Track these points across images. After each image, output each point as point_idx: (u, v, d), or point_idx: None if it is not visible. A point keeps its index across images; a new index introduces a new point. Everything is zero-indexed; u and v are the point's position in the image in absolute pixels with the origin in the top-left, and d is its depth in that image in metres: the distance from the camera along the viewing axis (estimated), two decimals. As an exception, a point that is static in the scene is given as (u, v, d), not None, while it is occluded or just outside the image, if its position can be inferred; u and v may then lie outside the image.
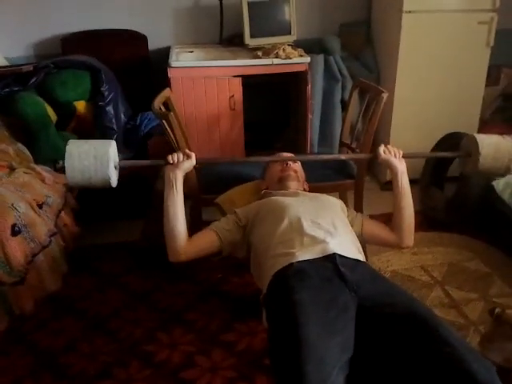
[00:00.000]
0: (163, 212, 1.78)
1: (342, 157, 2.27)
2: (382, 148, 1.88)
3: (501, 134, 3.09)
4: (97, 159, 1.64)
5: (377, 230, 1.93)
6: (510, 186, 2.56)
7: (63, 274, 2.40)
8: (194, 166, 1.83)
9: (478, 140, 1.85)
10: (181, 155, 1.78)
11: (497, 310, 1.75)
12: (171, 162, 1.76)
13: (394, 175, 1.88)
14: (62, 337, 2.11)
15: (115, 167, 1.73)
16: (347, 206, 2.12)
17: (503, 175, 1.99)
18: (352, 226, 1.87)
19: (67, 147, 1.66)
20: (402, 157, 1.90)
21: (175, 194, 1.76)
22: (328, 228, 1.69)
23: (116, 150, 1.75)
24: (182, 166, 1.77)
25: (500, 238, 2.70)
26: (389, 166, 1.89)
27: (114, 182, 1.73)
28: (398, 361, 1.37)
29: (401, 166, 1.88)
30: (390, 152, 1.88)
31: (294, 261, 1.57)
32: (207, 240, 1.84)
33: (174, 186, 1.76)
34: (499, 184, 2.62)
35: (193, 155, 1.79)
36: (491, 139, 1.87)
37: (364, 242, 1.93)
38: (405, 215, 1.86)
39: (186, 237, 1.78)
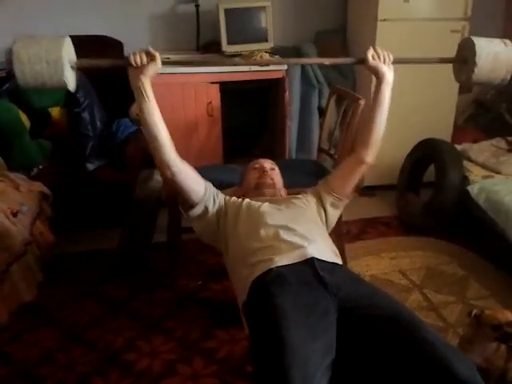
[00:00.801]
0: (141, 125, 1.69)
1: (326, 61, 1.99)
2: (370, 52, 1.76)
3: (475, 140, 3.20)
4: (50, 64, 1.48)
5: (339, 171, 1.93)
6: (485, 191, 2.62)
7: (38, 283, 2.35)
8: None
9: (477, 47, 1.70)
10: (144, 56, 1.62)
11: (474, 311, 1.77)
12: (134, 63, 1.61)
13: (379, 82, 1.80)
14: (38, 348, 2.05)
15: (72, 68, 1.57)
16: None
17: (496, 86, 1.87)
18: (321, 195, 1.88)
19: (13, 48, 1.48)
20: (392, 62, 1.80)
21: (147, 101, 1.66)
22: (304, 234, 1.69)
23: (72, 49, 1.59)
24: (147, 70, 1.63)
25: (476, 241, 2.75)
26: (376, 73, 1.80)
27: (72, 86, 1.58)
28: (379, 361, 1.37)
29: (388, 75, 1.79)
30: (379, 56, 1.78)
31: (272, 266, 1.56)
32: (196, 179, 1.79)
33: (144, 93, 1.64)
34: (474, 189, 2.68)
35: (157, 56, 1.64)
36: (491, 47, 1.71)
37: (344, 196, 1.92)
38: (376, 127, 1.83)
39: (173, 148, 1.71)
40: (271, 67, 2.96)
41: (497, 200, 2.52)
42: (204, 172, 2.46)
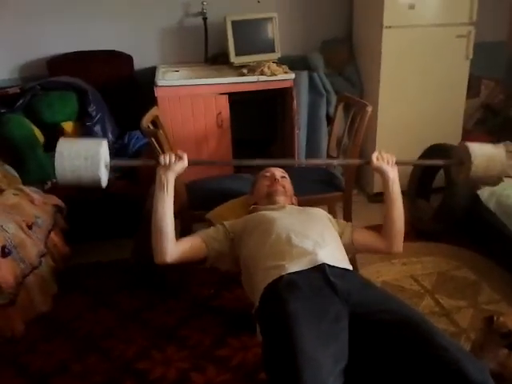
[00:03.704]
0: (153, 211, 1.75)
1: (335, 162, 2.19)
2: (375, 154, 1.88)
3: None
4: (87, 160, 1.61)
5: (367, 237, 1.94)
6: (495, 195, 2.61)
7: (53, 294, 2.39)
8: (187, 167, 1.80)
9: (471, 149, 1.85)
10: (173, 156, 1.76)
11: (485, 317, 1.78)
12: (163, 163, 1.75)
13: (386, 182, 1.89)
14: (54, 358, 2.08)
15: (106, 167, 1.69)
16: (336, 217, 2.14)
17: (494, 184, 2.00)
18: (342, 236, 1.89)
19: (57, 145, 1.62)
20: (395, 163, 1.89)
21: (165, 196, 1.74)
22: (316, 239, 1.71)
23: (107, 150, 1.71)
24: (174, 167, 1.75)
25: (486, 246, 2.74)
26: (381, 173, 1.89)
27: (104, 182, 1.69)
28: (392, 366, 1.38)
29: (393, 174, 1.88)
30: (383, 158, 1.87)
31: (284, 273, 1.58)
32: (194, 245, 1.83)
33: (165, 188, 1.74)
34: (484, 193, 2.67)
35: (185, 156, 1.77)
36: (484, 149, 1.87)
37: (355, 251, 1.95)
38: (395, 222, 1.88)
39: (174, 238, 1.77)
40: (279, 77, 2.99)
41: (507, 204, 2.52)
42: (215, 182, 2.51)
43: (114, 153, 2.94)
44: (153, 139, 2.19)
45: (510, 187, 2.63)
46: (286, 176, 2.17)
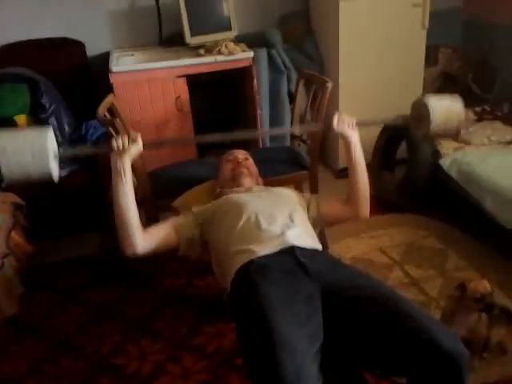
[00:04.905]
0: (114, 204, 1.68)
1: (296, 131, 2.13)
2: (335, 118, 1.83)
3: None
4: (35, 156, 1.48)
5: (333, 207, 1.94)
6: (457, 163, 2.65)
7: (19, 295, 2.33)
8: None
9: (429, 104, 1.81)
10: (126, 139, 1.65)
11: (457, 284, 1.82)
12: (116, 148, 1.64)
13: (348, 146, 1.86)
14: (25, 360, 2.04)
15: (55, 158, 1.57)
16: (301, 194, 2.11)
17: (454, 136, 1.99)
18: (309, 209, 1.88)
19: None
20: (356, 124, 1.86)
21: (125, 183, 1.66)
22: (285, 221, 1.70)
23: (54, 139, 1.58)
24: (129, 151, 1.65)
25: (451, 214, 2.79)
26: (343, 137, 1.86)
27: (56, 176, 1.58)
28: (367, 340, 1.40)
29: (354, 137, 1.85)
30: (343, 121, 1.84)
31: (253, 257, 1.57)
32: (165, 235, 1.78)
33: (123, 175, 1.65)
34: (446, 162, 2.71)
35: (139, 137, 1.67)
36: (441, 103, 1.84)
37: (323, 223, 1.95)
38: (360, 186, 1.86)
39: (141, 228, 1.71)
40: (237, 56, 2.93)
41: (468, 171, 2.56)
42: (179, 169, 2.46)
43: (71, 144, 2.85)
44: (110, 128, 2.13)
45: (470, 154, 2.68)
46: (249, 157, 2.14)
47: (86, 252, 2.66)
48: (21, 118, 2.76)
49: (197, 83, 2.97)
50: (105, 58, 3.00)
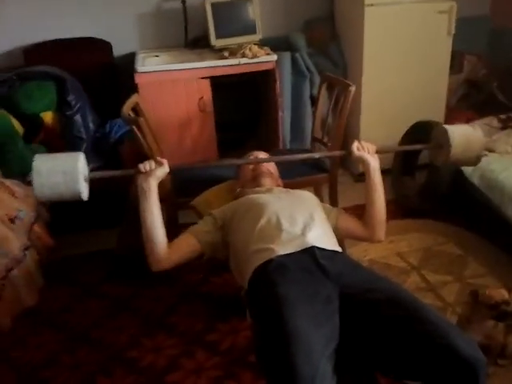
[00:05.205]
0: (140, 221, 1.74)
1: (316, 156, 2.19)
2: (355, 145, 1.87)
3: (468, 120, 3.20)
4: (66, 175, 1.58)
5: (351, 224, 1.93)
6: (479, 170, 2.62)
7: (39, 287, 2.37)
8: (168, 173, 1.79)
9: (449, 132, 1.84)
10: (153, 163, 1.73)
11: (471, 291, 1.80)
12: (143, 170, 1.72)
13: (367, 171, 1.88)
14: (43, 351, 2.08)
15: (85, 180, 1.67)
16: (322, 199, 2.13)
17: (473, 164, 2.00)
18: (329, 214, 1.89)
19: (34, 164, 1.58)
20: (375, 152, 1.89)
21: (150, 204, 1.72)
22: (305, 221, 1.71)
23: (85, 162, 1.68)
24: (155, 173, 1.72)
25: (471, 220, 2.76)
26: (362, 162, 1.89)
27: (85, 196, 1.68)
28: (383, 344, 1.40)
29: (374, 163, 1.87)
30: (363, 148, 1.87)
31: (273, 256, 1.58)
32: (187, 245, 1.81)
33: (149, 196, 1.71)
34: (468, 169, 2.68)
35: (165, 162, 1.74)
36: (461, 130, 1.87)
37: (338, 235, 1.95)
38: (376, 210, 1.87)
39: (166, 244, 1.75)
40: (261, 59, 2.96)
41: (491, 178, 2.53)
42: (200, 168, 2.48)
43: (96, 141, 2.91)
44: (134, 127, 2.16)
45: (495, 162, 2.65)
46: (270, 159, 2.16)
47: (105, 247, 2.69)
48: (47, 115, 2.83)
49: (220, 85, 3.00)
50: (131, 59, 3.06)
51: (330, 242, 1.70)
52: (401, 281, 2.29)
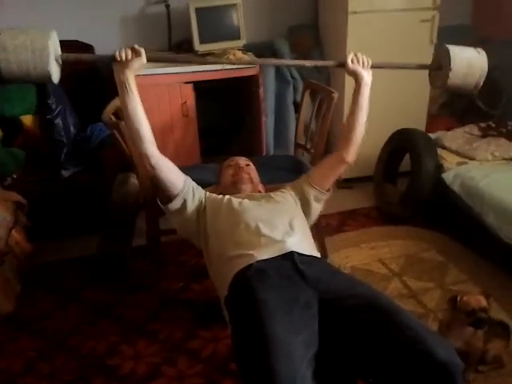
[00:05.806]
0: (125, 122, 1.72)
1: (307, 63, 2.07)
2: (350, 56, 1.84)
3: (448, 128, 3.23)
4: (35, 53, 1.48)
5: (321, 165, 1.98)
6: (460, 177, 2.66)
7: (17, 293, 2.33)
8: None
9: (451, 53, 1.77)
10: (129, 52, 1.64)
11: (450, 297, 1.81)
12: (118, 58, 1.64)
13: (358, 85, 1.86)
14: (20, 359, 2.03)
15: (57, 61, 1.57)
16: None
17: (470, 92, 1.91)
18: (304, 191, 1.91)
19: (0, 38, 1.49)
20: (371, 67, 1.87)
21: (131, 95, 1.67)
22: (285, 228, 1.71)
23: (57, 42, 1.59)
24: (132, 65, 1.65)
25: (452, 227, 2.78)
26: (355, 75, 1.86)
27: (56, 78, 1.58)
28: (362, 349, 1.40)
29: (367, 77, 1.86)
30: (358, 61, 1.84)
31: (252, 261, 1.58)
32: (176, 173, 1.81)
33: (128, 87, 1.66)
34: (449, 176, 2.71)
35: (142, 51, 1.66)
36: (465, 53, 1.79)
37: (321, 194, 1.94)
38: (357, 127, 1.88)
39: (153, 141, 1.74)
40: (244, 64, 2.95)
41: (471, 185, 2.56)
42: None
43: (77, 145, 2.87)
44: (115, 131, 2.14)
45: (475, 169, 2.68)
46: (251, 164, 2.14)
47: (85, 253, 2.65)
48: (27, 118, 2.79)
49: (203, 90, 2.99)
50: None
51: (309, 248, 1.70)
52: (382, 287, 2.29)
